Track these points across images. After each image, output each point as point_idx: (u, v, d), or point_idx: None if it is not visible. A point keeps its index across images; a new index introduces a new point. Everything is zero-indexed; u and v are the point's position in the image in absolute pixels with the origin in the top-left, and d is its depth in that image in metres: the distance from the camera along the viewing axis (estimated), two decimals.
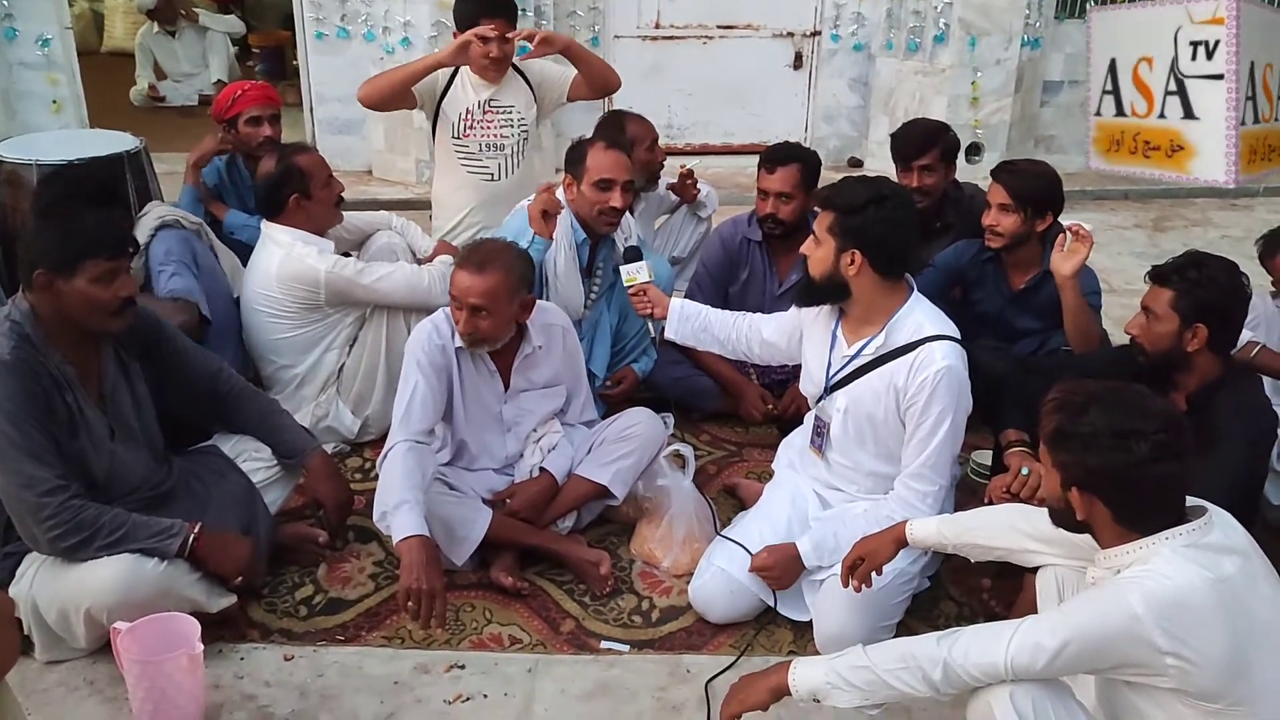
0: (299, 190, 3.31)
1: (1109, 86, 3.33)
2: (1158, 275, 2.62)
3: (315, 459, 2.92)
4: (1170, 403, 2.26)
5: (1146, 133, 3.26)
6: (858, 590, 2.43)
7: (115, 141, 3.88)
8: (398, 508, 2.56)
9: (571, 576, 2.93)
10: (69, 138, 4.44)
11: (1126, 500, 1.86)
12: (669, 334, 3.09)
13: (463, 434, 2.97)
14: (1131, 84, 3.27)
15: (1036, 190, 3.30)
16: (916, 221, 2.61)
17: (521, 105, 3.92)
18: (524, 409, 3.02)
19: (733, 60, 6.97)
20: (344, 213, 3.63)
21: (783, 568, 2.68)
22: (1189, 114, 3.19)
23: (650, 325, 3.64)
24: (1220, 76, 3.11)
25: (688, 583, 2.85)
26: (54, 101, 6.36)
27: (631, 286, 3.07)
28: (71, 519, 2.40)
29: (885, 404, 2.60)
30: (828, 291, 2.62)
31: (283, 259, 3.31)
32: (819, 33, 6.97)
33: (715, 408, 3.77)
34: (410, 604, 2.45)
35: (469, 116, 3.88)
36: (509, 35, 3.73)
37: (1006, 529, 2.26)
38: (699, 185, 4.17)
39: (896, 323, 2.59)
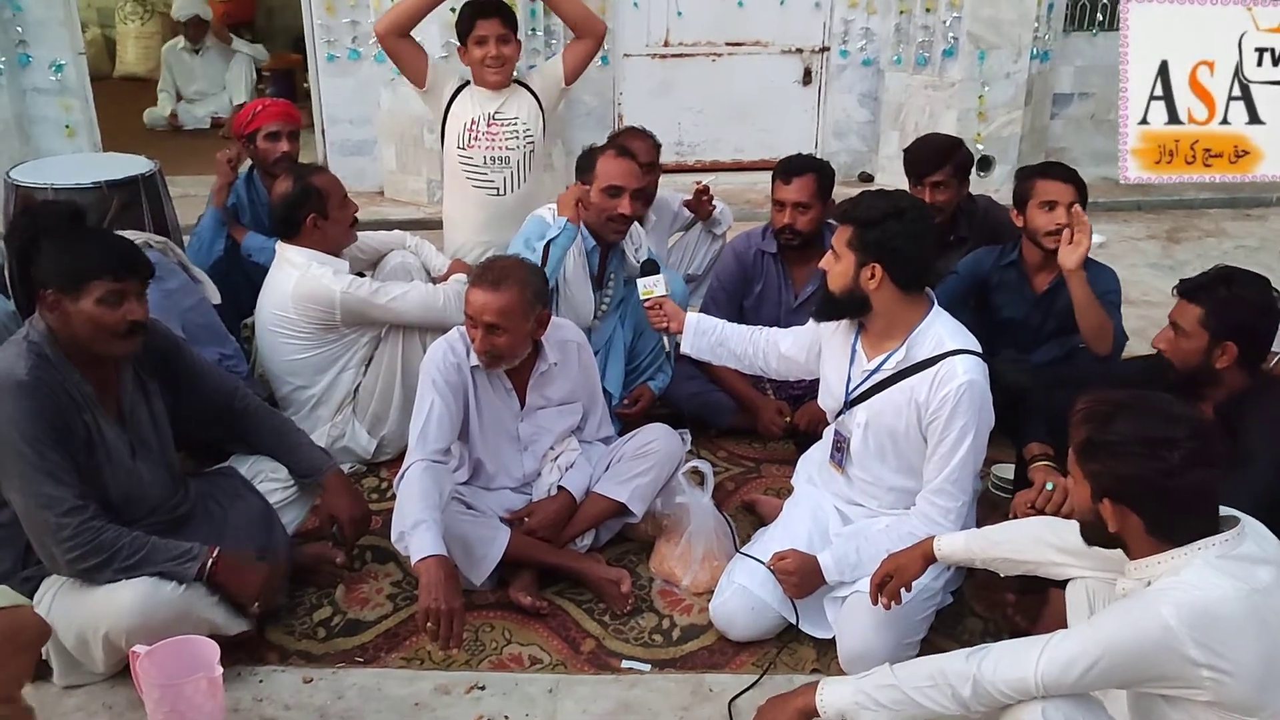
0: (316, 210, 3.31)
1: (1159, 92, 3.14)
2: (1186, 291, 2.59)
3: (331, 477, 2.91)
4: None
5: (1207, 140, 3.14)
6: (887, 607, 2.41)
7: (130, 165, 3.89)
8: (415, 528, 2.54)
9: (591, 596, 2.91)
10: (84, 162, 4.46)
11: (1159, 509, 1.83)
12: (685, 348, 3.08)
13: (479, 453, 2.96)
14: (1188, 89, 3.12)
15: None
16: (936, 234, 2.60)
17: (527, 118, 3.92)
18: (540, 427, 3.01)
19: (742, 77, 6.98)
20: (358, 233, 3.64)
21: (803, 574, 2.64)
22: (1254, 119, 3.13)
23: (666, 340, 3.63)
24: None
25: (708, 601, 2.82)
26: (67, 126, 6.38)
27: (648, 300, 3.06)
28: (91, 540, 2.38)
29: (906, 419, 2.58)
30: (848, 306, 2.61)
31: (298, 280, 3.31)
32: (828, 48, 6.98)
33: (732, 423, 3.75)
34: (429, 625, 2.43)
35: (474, 128, 3.88)
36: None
37: (1034, 542, 2.24)
38: (714, 202, 4.16)
39: (917, 336, 2.57)
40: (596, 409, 3.13)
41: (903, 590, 2.40)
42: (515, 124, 3.91)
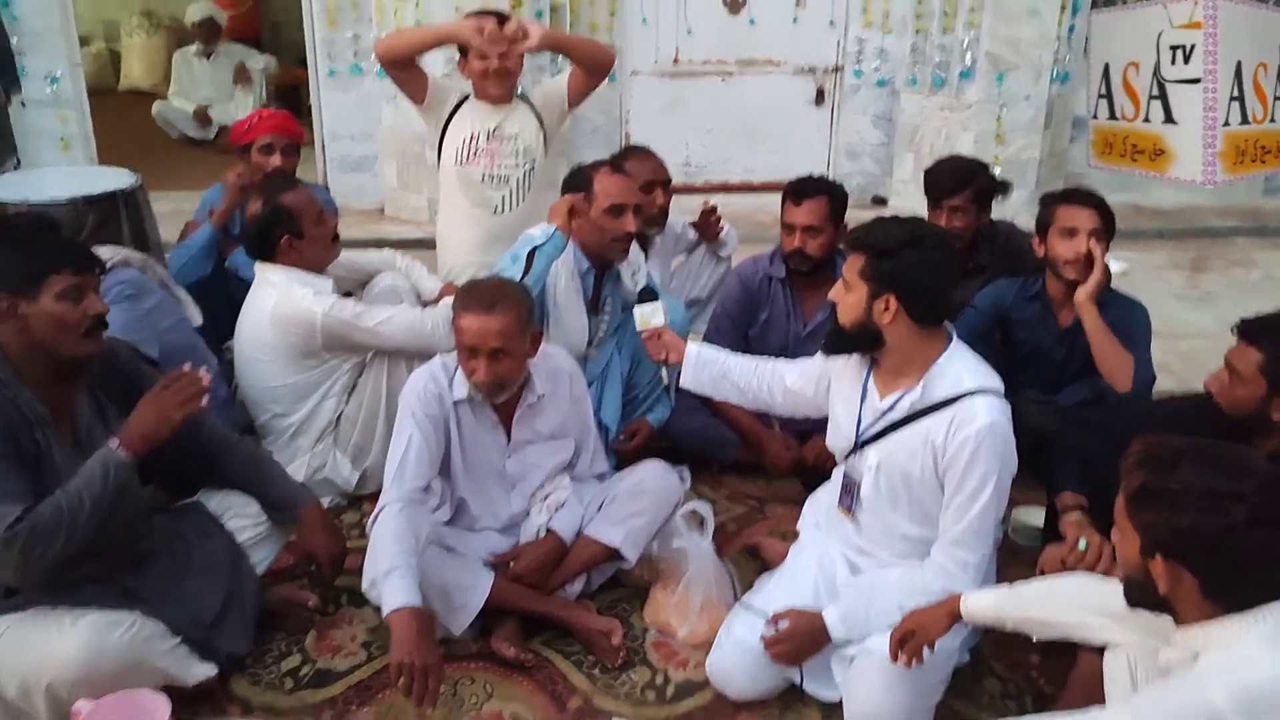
0: (290, 231, 3.13)
1: (1103, 90, 3.24)
2: (1247, 333, 2.38)
3: (307, 511, 2.72)
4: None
5: (1134, 136, 3.25)
6: (908, 665, 2.21)
7: (111, 179, 3.75)
8: (388, 575, 2.35)
9: (580, 647, 2.71)
10: (65, 175, 4.30)
11: (1217, 570, 1.63)
12: (684, 382, 2.89)
13: (463, 491, 2.77)
14: (1121, 88, 3.20)
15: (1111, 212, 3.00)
16: (956, 264, 2.41)
17: (528, 135, 3.75)
18: (529, 463, 2.81)
19: (753, 96, 6.82)
20: (347, 252, 3.47)
21: (802, 639, 2.45)
22: (1169, 118, 3.16)
23: (665, 372, 3.43)
24: (1197, 80, 3.01)
25: (705, 655, 2.62)
26: (62, 139, 6.26)
27: (645, 329, 2.87)
28: (35, 532, 2.18)
29: (922, 462, 2.39)
30: (859, 340, 2.42)
31: (278, 301, 3.13)
32: (841, 68, 6.81)
33: (736, 459, 3.55)
34: (403, 681, 2.24)
35: (473, 143, 3.71)
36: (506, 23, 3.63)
37: (1071, 603, 2.03)
38: (721, 223, 3.97)
39: (934, 374, 2.38)
40: (589, 443, 2.94)
41: (925, 649, 2.20)
42: (515, 141, 3.73)
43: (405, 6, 5.99)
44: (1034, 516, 3.09)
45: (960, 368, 2.38)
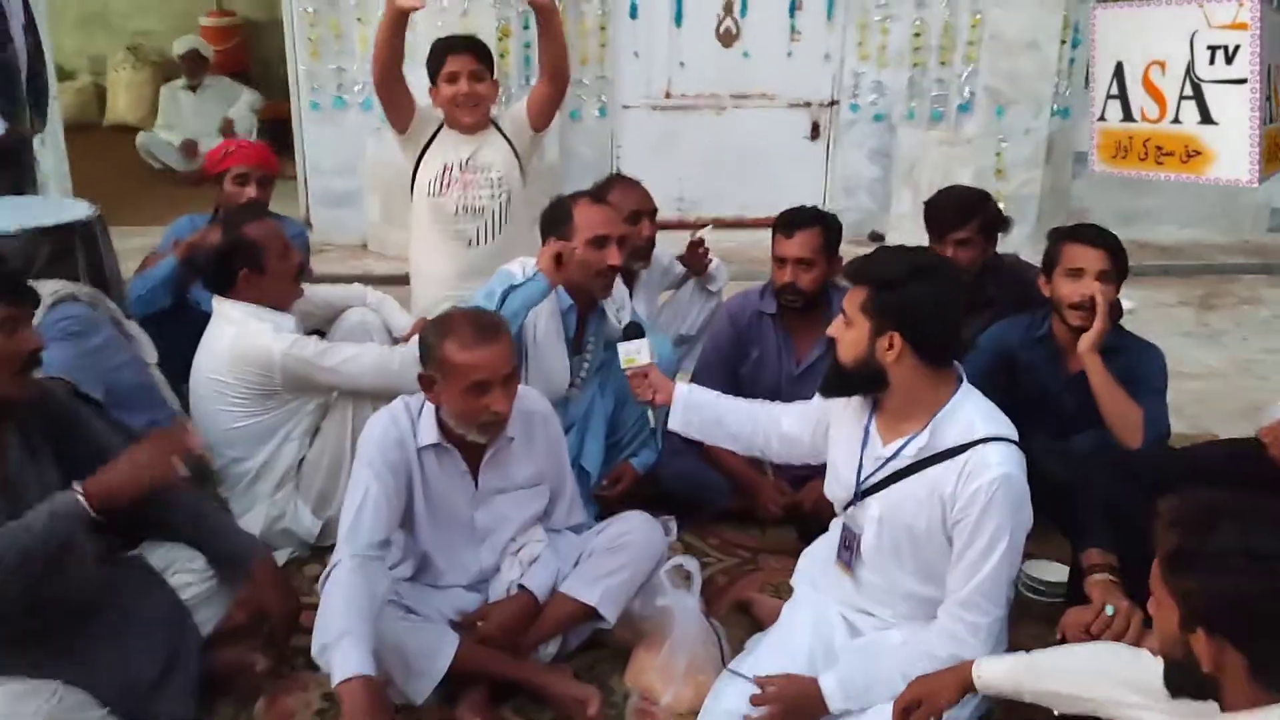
0: (249, 264, 2.93)
1: (1114, 91, 3.10)
2: None
3: (258, 565, 2.50)
4: None
5: (1159, 138, 3.03)
6: None
7: (67, 210, 3.55)
8: (339, 641, 2.12)
9: (554, 716, 2.47)
10: (21, 205, 4.10)
11: (1265, 645, 1.43)
12: (673, 425, 2.68)
13: (426, 545, 2.55)
14: (1141, 88, 3.04)
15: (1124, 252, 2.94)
16: (964, 298, 2.21)
17: (502, 165, 3.58)
18: (499, 514, 2.59)
19: (747, 130, 6.67)
20: (315, 286, 3.28)
21: (795, 703, 2.22)
22: (1206, 119, 2.97)
23: (651, 413, 3.22)
24: (1243, 80, 2.89)
25: None
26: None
27: (630, 368, 2.67)
28: None
29: (929, 515, 2.18)
30: (860, 381, 2.22)
31: (235, 337, 2.93)
32: (837, 102, 6.67)
33: (726, 506, 3.33)
34: None
35: (447, 175, 3.55)
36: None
37: (1101, 676, 1.82)
38: (709, 255, 3.78)
39: (943, 419, 2.18)
40: (565, 491, 2.72)
41: None
42: (490, 171, 3.57)
43: None
44: (1047, 572, 2.87)
45: (971, 413, 2.18)
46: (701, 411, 2.64)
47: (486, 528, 2.58)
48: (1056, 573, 2.85)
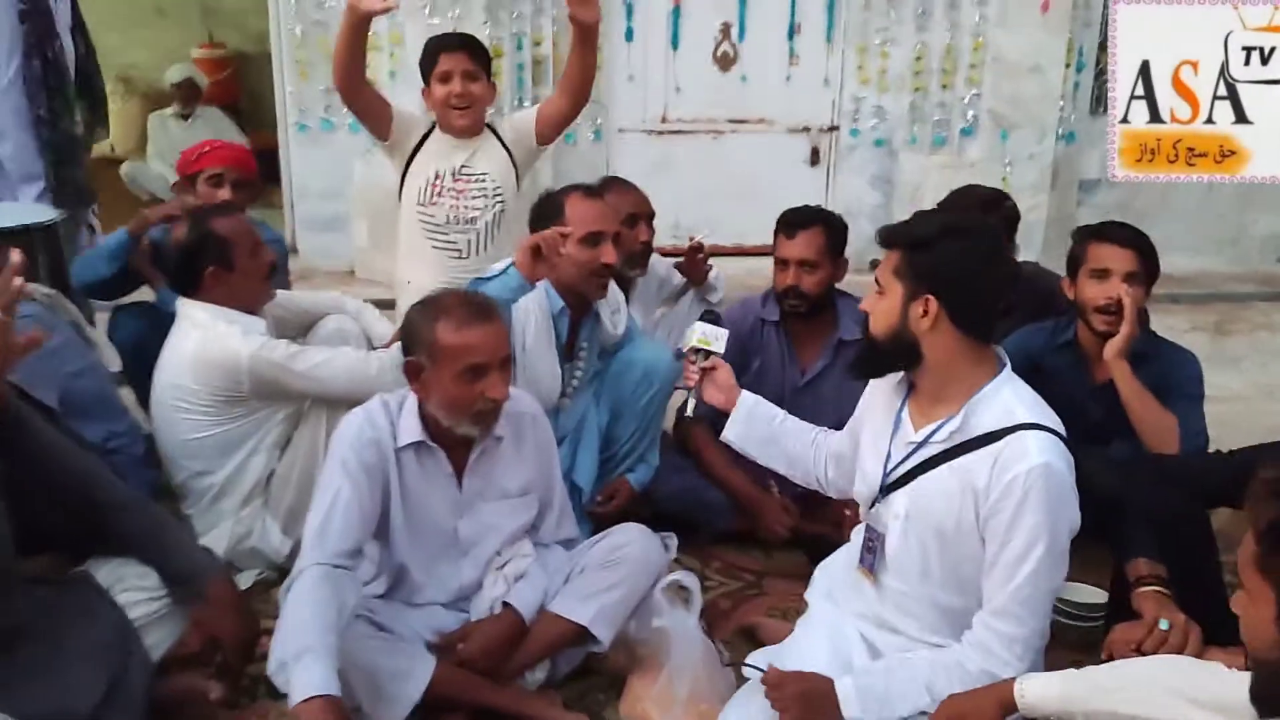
0: (218, 261, 2.74)
1: (1140, 91, 3.02)
2: None
3: (215, 585, 2.26)
4: None
5: (1191, 139, 3.01)
6: None
7: (28, 214, 3.39)
8: (299, 658, 1.90)
9: None
10: None
11: None
12: (729, 435, 2.44)
13: (403, 556, 2.32)
14: (1171, 88, 3.00)
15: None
16: (1006, 262, 2.02)
17: (497, 173, 3.37)
18: (485, 524, 2.37)
19: (745, 156, 6.50)
20: (292, 292, 3.08)
21: (808, 698, 1.98)
22: (1241, 118, 2.97)
23: (655, 430, 3.02)
24: (1277, 81, 2.94)
25: None
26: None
27: (699, 352, 2.42)
28: None
29: (960, 512, 1.96)
30: (893, 353, 2.01)
31: (200, 340, 2.73)
32: (837, 127, 6.52)
33: (729, 526, 3.10)
34: None
35: (438, 183, 3.34)
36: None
37: (1160, 692, 1.60)
38: (709, 263, 3.59)
39: (979, 402, 1.97)
40: (555, 502, 2.50)
41: None
42: (484, 180, 3.36)
43: (379, 57, 5.70)
44: (1082, 595, 2.65)
45: (1011, 398, 1.97)
46: (762, 427, 2.41)
47: (470, 539, 2.36)
48: (1092, 595, 2.63)
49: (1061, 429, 1.97)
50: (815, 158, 6.56)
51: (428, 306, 2.22)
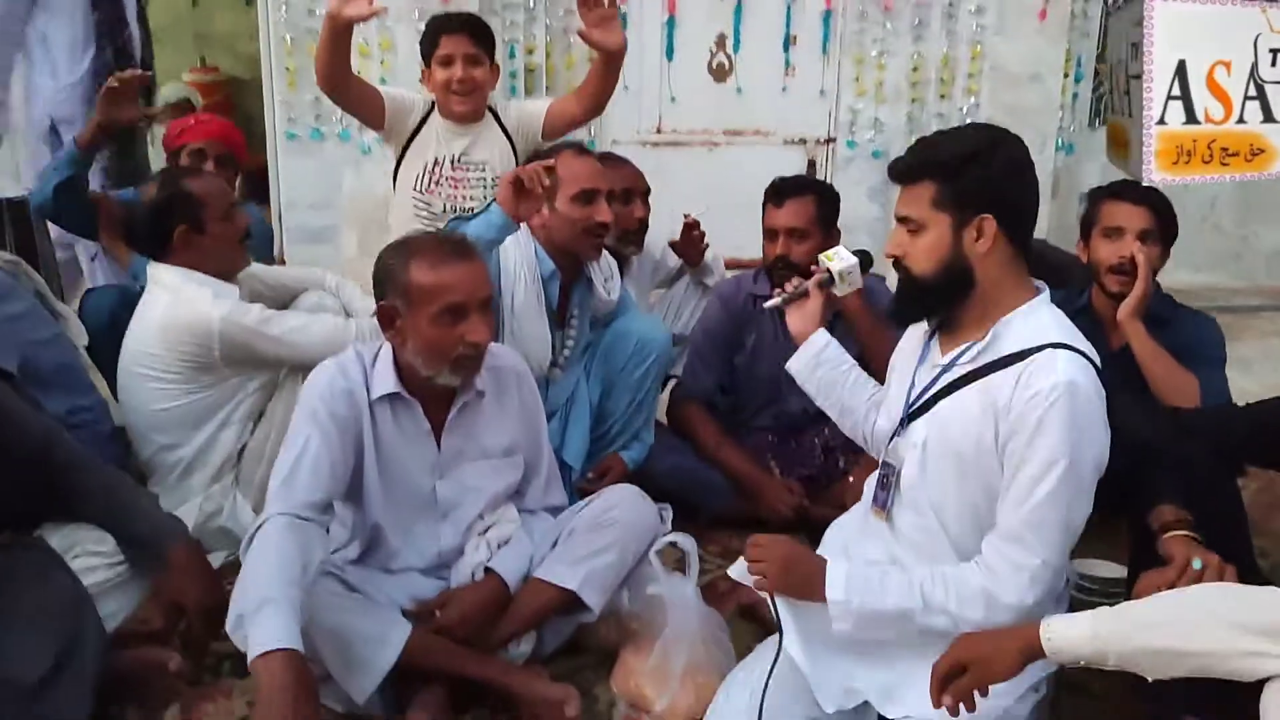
0: (187, 222, 2.61)
1: (1176, 91, 3.02)
2: None
3: (177, 550, 2.10)
4: None
5: (1225, 139, 3.02)
6: (954, 715, 1.61)
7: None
8: (260, 609, 1.73)
9: None
10: None
11: None
12: (794, 366, 2.29)
13: (378, 516, 2.16)
14: (1205, 89, 3.01)
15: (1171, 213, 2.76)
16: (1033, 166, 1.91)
17: (497, 162, 3.23)
18: (465, 486, 2.21)
19: (741, 168, 6.39)
20: (269, 266, 2.95)
21: (787, 568, 1.85)
22: (1269, 118, 3.00)
23: (649, 407, 2.88)
24: None
25: None
26: None
27: (831, 274, 2.24)
28: None
29: (980, 433, 1.81)
30: (946, 289, 1.87)
31: (169, 305, 2.59)
32: (834, 139, 6.43)
33: (727, 508, 2.94)
34: None
35: (436, 170, 3.20)
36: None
37: (1206, 620, 1.44)
38: (705, 241, 3.47)
39: (1009, 323, 1.84)
40: (541, 466, 2.35)
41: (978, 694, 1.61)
42: (484, 169, 3.20)
43: (369, 64, 5.63)
44: (1100, 569, 2.49)
45: (1046, 319, 1.85)
46: (830, 369, 2.25)
47: (449, 501, 2.20)
48: (1111, 570, 2.47)
49: (1096, 358, 1.83)
50: (812, 169, 6.46)
51: (401, 247, 2.09)
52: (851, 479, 2.65)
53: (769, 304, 2.33)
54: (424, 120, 3.23)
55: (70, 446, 2.21)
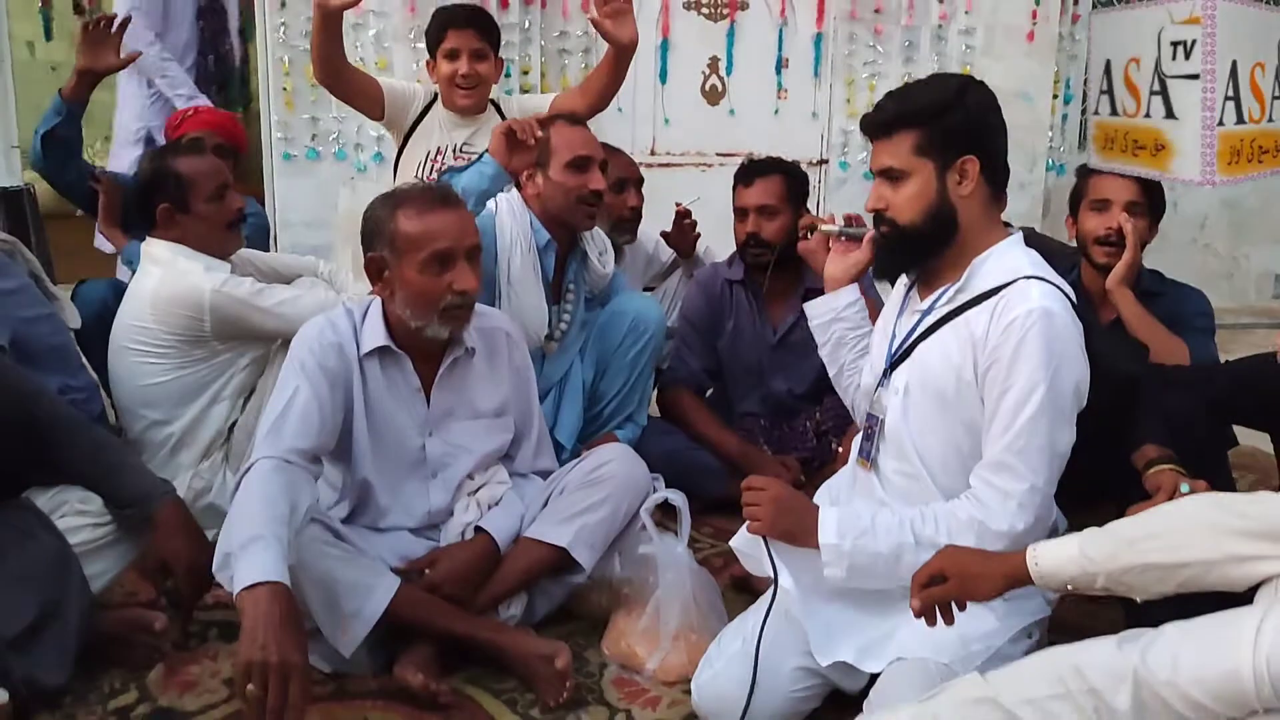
0: (171, 200, 2.61)
1: (1105, 87, 3.26)
2: None
3: (164, 509, 2.09)
4: None
5: (1135, 132, 3.16)
6: (930, 623, 1.60)
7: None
8: (247, 546, 1.71)
9: (514, 682, 2.03)
10: None
11: None
12: (810, 306, 2.26)
13: (367, 472, 2.14)
14: (1123, 84, 3.20)
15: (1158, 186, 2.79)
16: None
17: None
18: (455, 445, 2.20)
19: None
20: (266, 252, 2.95)
21: (779, 510, 1.83)
22: (1170, 113, 3.08)
23: (643, 389, 2.87)
24: (1197, 76, 3.00)
25: (683, 691, 1.97)
26: None
27: (832, 233, 2.22)
28: None
29: (959, 369, 1.81)
30: (932, 235, 1.87)
31: (160, 278, 2.59)
32: (826, 161, 6.49)
33: (722, 493, 2.90)
34: (251, 688, 1.57)
35: (439, 159, 3.23)
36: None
37: (1198, 530, 1.42)
38: (697, 230, 3.48)
39: (982, 262, 1.86)
40: (532, 430, 2.33)
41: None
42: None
43: None
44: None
45: (1020, 257, 1.87)
46: (847, 327, 2.21)
47: (439, 460, 2.19)
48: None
49: (1070, 292, 1.84)
50: None
51: (388, 198, 2.09)
52: (841, 450, 2.64)
53: (825, 227, 2.28)
54: (426, 109, 3.26)
55: (56, 405, 2.19)
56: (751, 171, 2.97)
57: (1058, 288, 1.81)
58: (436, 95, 3.26)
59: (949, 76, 2.01)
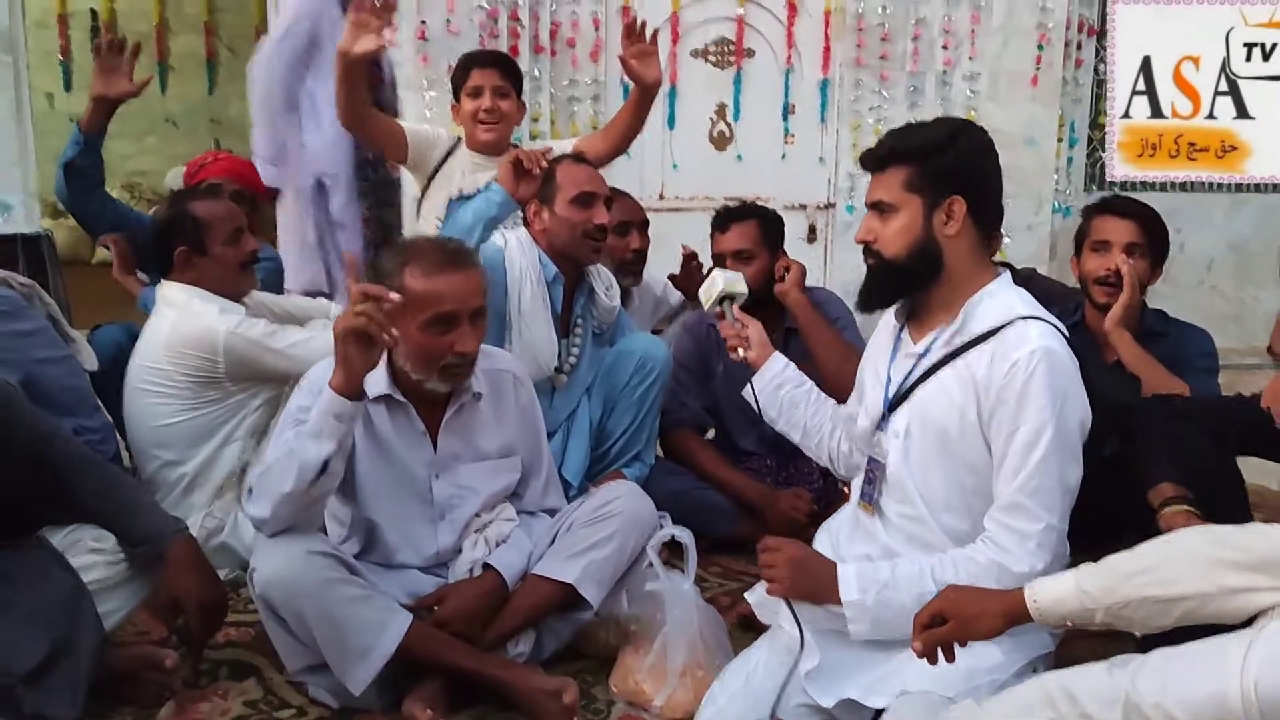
0: (188, 243, 2.66)
1: (1141, 87, 3.11)
2: None
3: (176, 546, 2.12)
4: None
5: (1192, 134, 3.05)
6: (932, 662, 1.61)
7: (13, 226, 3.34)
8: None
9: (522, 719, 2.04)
10: None
11: None
12: (758, 386, 2.29)
13: (372, 513, 2.17)
14: (1172, 84, 3.06)
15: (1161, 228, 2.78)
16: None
17: None
18: (462, 486, 2.22)
19: None
20: (278, 295, 3.01)
21: (798, 570, 1.85)
22: (1242, 114, 3.01)
23: (650, 427, 2.90)
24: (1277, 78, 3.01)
25: None
26: None
27: (727, 299, 2.27)
28: None
29: (962, 410, 1.84)
30: (916, 271, 1.92)
31: (175, 320, 2.64)
32: (833, 204, 6.55)
33: (732, 533, 2.91)
34: None
35: (461, 200, 3.28)
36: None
37: (1195, 563, 1.44)
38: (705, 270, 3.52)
39: (977, 304, 1.89)
40: (541, 468, 2.36)
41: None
42: None
43: None
44: None
45: (1012, 297, 1.91)
46: (793, 387, 2.28)
47: (446, 501, 2.21)
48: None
49: (1064, 328, 1.88)
50: (812, 234, 6.56)
51: (398, 250, 2.13)
52: (846, 490, 2.65)
53: (707, 306, 2.35)
54: (449, 153, 3.32)
55: (70, 445, 2.21)
56: (726, 218, 3.03)
57: (1052, 324, 1.84)
58: (459, 140, 3.32)
59: (949, 120, 2.07)
